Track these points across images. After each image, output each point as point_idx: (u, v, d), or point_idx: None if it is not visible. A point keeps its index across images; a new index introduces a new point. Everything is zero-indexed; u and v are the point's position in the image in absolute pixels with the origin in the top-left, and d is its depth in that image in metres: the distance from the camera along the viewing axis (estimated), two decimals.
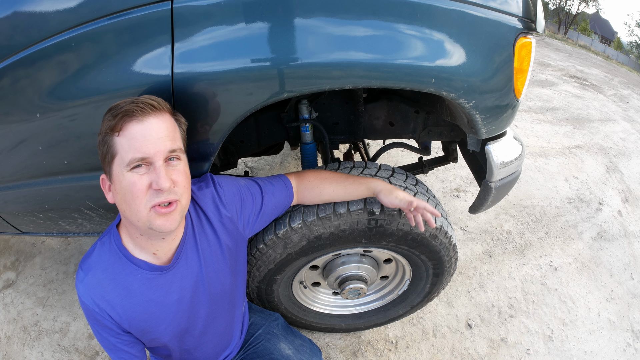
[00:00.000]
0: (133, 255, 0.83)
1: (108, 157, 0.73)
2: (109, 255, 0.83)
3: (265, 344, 1.16)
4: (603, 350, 1.74)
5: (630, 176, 3.29)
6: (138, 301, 0.84)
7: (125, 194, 0.72)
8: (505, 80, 0.94)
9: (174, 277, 0.87)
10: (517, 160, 1.15)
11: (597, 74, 8.07)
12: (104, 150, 0.73)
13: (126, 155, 0.70)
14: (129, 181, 0.71)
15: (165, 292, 0.87)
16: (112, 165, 0.73)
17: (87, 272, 0.82)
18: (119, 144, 0.71)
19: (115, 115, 0.71)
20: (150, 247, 0.82)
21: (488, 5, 0.86)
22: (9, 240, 2.12)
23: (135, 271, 0.83)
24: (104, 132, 0.72)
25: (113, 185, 0.75)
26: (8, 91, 0.87)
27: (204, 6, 0.78)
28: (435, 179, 2.77)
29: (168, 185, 0.71)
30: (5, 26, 0.80)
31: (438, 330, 1.73)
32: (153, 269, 0.84)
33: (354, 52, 0.82)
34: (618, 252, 2.34)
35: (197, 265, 0.90)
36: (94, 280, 0.82)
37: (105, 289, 0.82)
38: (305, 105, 1.30)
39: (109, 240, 0.84)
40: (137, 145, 0.70)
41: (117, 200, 0.75)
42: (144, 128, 0.71)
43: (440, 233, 1.15)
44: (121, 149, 0.71)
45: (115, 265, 0.82)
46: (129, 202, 0.72)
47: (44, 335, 1.66)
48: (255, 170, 2.72)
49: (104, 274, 0.82)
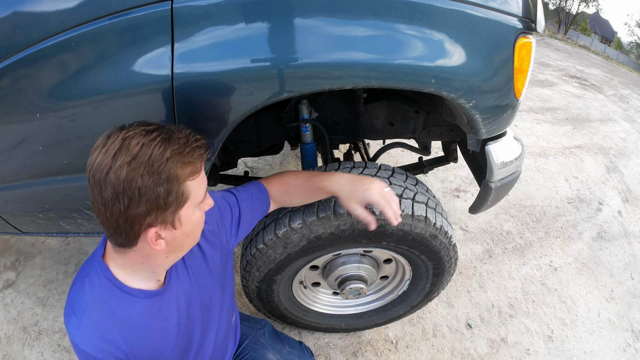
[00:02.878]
0: (127, 285, 0.76)
1: (174, 205, 0.67)
2: (102, 291, 0.75)
3: (253, 355, 1.14)
4: (603, 350, 1.74)
5: (630, 176, 3.29)
6: (140, 333, 0.78)
7: (195, 229, 0.74)
8: (505, 80, 0.94)
9: (170, 298, 0.83)
10: (517, 160, 1.15)
11: (597, 74, 8.07)
12: (168, 201, 0.66)
13: (198, 193, 0.71)
14: (200, 215, 0.74)
15: (164, 317, 0.82)
16: (179, 210, 0.68)
17: (82, 316, 0.73)
18: (193, 186, 0.69)
19: (190, 162, 0.67)
20: (161, 273, 0.80)
21: (488, 5, 0.86)
22: (9, 240, 2.12)
23: (133, 302, 0.77)
24: (172, 181, 0.65)
25: (173, 231, 0.70)
26: (8, 91, 0.87)
27: (204, 6, 0.78)
28: (435, 179, 2.77)
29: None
30: (5, 26, 0.80)
31: (438, 330, 1.73)
32: (150, 295, 0.79)
33: (354, 52, 0.82)
34: (618, 252, 2.34)
35: (187, 281, 0.88)
36: (92, 323, 0.73)
37: (105, 329, 0.74)
38: (305, 106, 1.30)
39: (97, 275, 0.76)
40: (206, 180, 0.74)
41: (178, 243, 0.72)
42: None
43: (440, 233, 1.14)
44: (194, 190, 0.70)
45: (110, 301, 0.75)
46: (196, 234, 0.76)
47: (44, 335, 1.66)
48: (255, 170, 2.72)
49: (101, 313, 0.74)
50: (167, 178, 0.64)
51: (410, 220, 1.07)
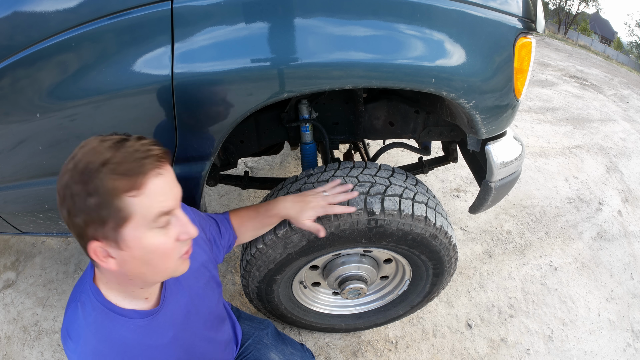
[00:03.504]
0: (120, 307, 0.75)
1: (112, 222, 0.61)
2: (95, 315, 0.74)
3: (256, 354, 1.14)
4: (603, 350, 1.74)
5: (630, 176, 3.29)
6: (137, 353, 0.78)
7: (151, 258, 0.65)
8: (505, 80, 0.94)
9: (165, 315, 0.82)
10: (517, 160, 1.15)
11: (597, 74, 8.07)
12: (102, 215, 0.60)
13: (150, 213, 0.62)
14: (158, 242, 0.64)
15: (161, 334, 0.81)
16: (121, 230, 0.62)
17: (78, 340, 0.73)
18: (137, 204, 0.61)
19: (127, 174, 0.60)
20: (143, 294, 0.77)
21: (488, 5, 0.86)
22: (9, 240, 2.12)
23: (127, 323, 0.75)
24: (108, 194, 0.59)
25: (121, 252, 0.64)
26: (8, 91, 0.87)
27: (204, 6, 0.78)
28: (435, 179, 2.77)
29: (197, 231, 0.68)
30: (5, 26, 0.80)
31: (438, 330, 1.73)
32: (144, 315, 0.78)
33: (354, 52, 0.82)
34: (618, 252, 2.34)
35: (183, 295, 0.87)
36: (88, 348, 0.73)
37: (102, 352, 0.74)
38: (305, 105, 1.30)
39: (88, 298, 0.75)
40: (162, 198, 0.63)
41: (130, 267, 0.66)
42: (164, 179, 0.63)
43: (440, 233, 1.14)
44: (140, 208, 0.61)
45: (104, 324, 0.74)
46: (156, 264, 0.66)
47: (44, 335, 1.66)
48: (255, 170, 2.72)
49: (96, 337, 0.73)
50: (95, 189, 0.58)
51: (410, 220, 1.07)
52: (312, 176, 1.18)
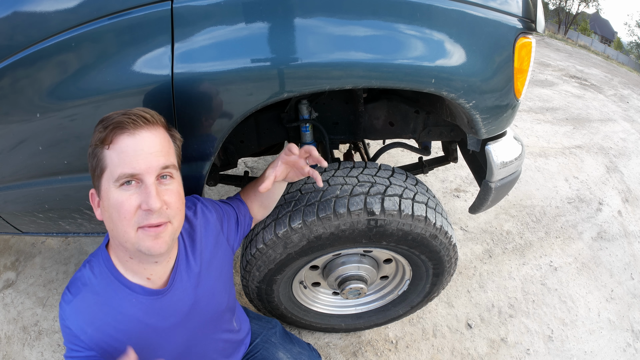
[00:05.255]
0: (126, 278, 0.77)
1: (97, 170, 0.68)
2: (100, 278, 0.76)
3: (264, 353, 1.15)
4: (603, 350, 1.74)
5: (630, 176, 3.29)
6: (134, 327, 0.78)
7: (112, 213, 0.67)
8: (505, 80, 0.94)
9: (171, 300, 0.82)
10: (517, 160, 1.15)
11: (597, 74, 8.07)
12: (93, 164, 0.69)
13: (115, 170, 0.66)
14: (117, 199, 0.66)
15: (162, 317, 0.82)
16: (101, 180, 0.68)
17: (76, 295, 0.75)
18: (109, 157, 0.66)
19: (106, 126, 0.66)
20: (143, 271, 0.77)
21: (488, 5, 0.86)
22: (9, 240, 2.12)
23: (130, 296, 0.77)
24: (94, 144, 0.68)
25: (101, 202, 0.70)
26: (8, 91, 0.87)
27: (204, 6, 0.78)
28: (435, 179, 2.77)
29: (159, 206, 0.66)
30: (5, 26, 0.80)
31: (438, 330, 1.73)
32: (149, 293, 0.78)
33: (354, 52, 0.82)
34: (618, 252, 2.34)
35: (193, 286, 0.86)
36: (83, 304, 0.75)
37: (95, 314, 0.75)
38: (305, 105, 1.30)
39: (97, 262, 0.78)
40: (128, 159, 0.65)
41: (105, 219, 0.71)
42: (136, 142, 0.66)
43: (440, 233, 1.14)
44: (111, 163, 0.66)
45: (107, 289, 0.76)
46: (116, 221, 0.67)
47: (44, 335, 1.66)
48: (255, 170, 2.72)
49: (95, 298, 0.75)
50: (95, 140, 0.68)
51: (410, 220, 1.07)
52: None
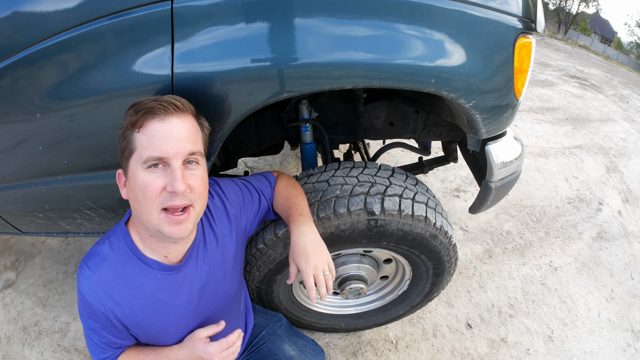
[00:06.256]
0: (144, 254, 0.81)
1: (126, 152, 0.72)
2: (119, 254, 0.80)
3: (269, 345, 1.16)
4: (603, 350, 1.74)
5: (630, 176, 3.29)
6: (147, 302, 0.83)
7: (138, 193, 0.71)
8: (505, 80, 0.94)
9: (185, 277, 0.86)
10: (517, 160, 1.15)
11: (597, 74, 8.07)
12: (122, 145, 0.73)
13: (144, 152, 0.69)
14: (143, 180, 0.70)
15: (174, 293, 0.85)
16: (129, 161, 0.72)
17: (95, 270, 0.79)
18: (138, 140, 0.70)
19: (138, 111, 0.70)
20: (161, 249, 0.81)
21: (488, 5, 0.86)
22: (9, 240, 2.12)
23: (146, 271, 0.81)
24: (125, 127, 0.72)
25: (128, 182, 0.74)
26: (8, 91, 0.87)
27: (204, 6, 0.78)
28: (435, 179, 2.77)
29: (183, 189, 0.69)
30: (5, 26, 0.80)
31: (438, 330, 1.73)
32: (164, 268, 0.82)
33: (354, 52, 0.82)
34: (618, 252, 2.34)
35: (207, 266, 0.90)
36: (102, 279, 0.79)
37: (113, 288, 0.80)
38: (305, 105, 1.30)
39: (117, 238, 0.82)
40: (157, 143, 0.69)
41: (130, 198, 0.74)
42: (165, 127, 0.70)
43: (440, 233, 1.14)
44: (140, 145, 0.70)
45: (125, 264, 0.80)
46: (141, 201, 0.71)
47: (44, 335, 1.66)
48: (255, 170, 2.72)
49: (113, 273, 0.80)
50: (126, 123, 0.71)
51: (410, 220, 1.07)
52: (312, 176, 1.18)
